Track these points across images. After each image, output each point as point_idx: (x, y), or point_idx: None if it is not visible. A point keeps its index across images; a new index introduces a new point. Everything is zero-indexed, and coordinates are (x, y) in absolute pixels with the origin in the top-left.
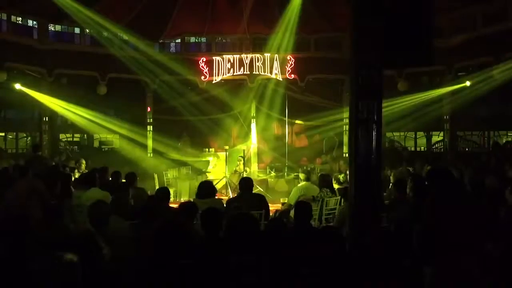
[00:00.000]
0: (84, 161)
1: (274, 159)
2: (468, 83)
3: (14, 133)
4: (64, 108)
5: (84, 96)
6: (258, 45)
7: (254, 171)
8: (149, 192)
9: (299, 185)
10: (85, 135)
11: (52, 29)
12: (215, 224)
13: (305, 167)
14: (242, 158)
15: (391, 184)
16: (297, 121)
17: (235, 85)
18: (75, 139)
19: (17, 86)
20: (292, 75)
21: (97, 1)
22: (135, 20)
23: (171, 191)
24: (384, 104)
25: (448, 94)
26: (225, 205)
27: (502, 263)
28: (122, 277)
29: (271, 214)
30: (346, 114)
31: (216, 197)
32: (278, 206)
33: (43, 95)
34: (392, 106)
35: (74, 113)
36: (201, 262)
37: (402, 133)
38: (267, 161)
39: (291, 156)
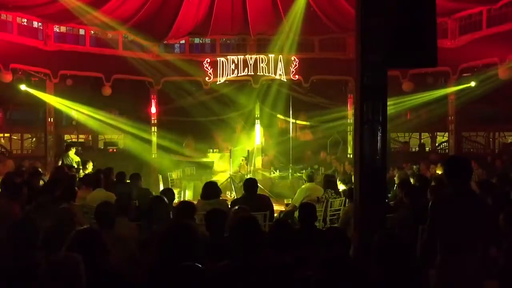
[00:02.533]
0: (91, 163)
1: (278, 154)
2: (473, 84)
3: (19, 134)
4: (69, 109)
5: (89, 97)
6: (262, 46)
7: (258, 169)
8: (153, 193)
9: (303, 186)
10: (90, 136)
11: (57, 30)
12: (220, 225)
13: (309, 168)
14: (246, 158)
15: (395, 185)
16: (301, 122)
17: (239, 86)
18: (80, 140)
19: (23, 87)
20: (296, 76)
21: (102, 2)
22: (140, 21)
23: (176, 191)
24: (388, 104)
25: (452, 94)
26: (229, 206)
27: (505, 265)
28: (126, 278)
29: (275, 215)
30: (350, 115)
31: (221, 198)
32: (282, 207)
33: (48, 96)
34: (396, 106)
35: (79, 113)
36: (206, 263)
37: (406, 134)
38: (271, 156)
39: (296, 150)
